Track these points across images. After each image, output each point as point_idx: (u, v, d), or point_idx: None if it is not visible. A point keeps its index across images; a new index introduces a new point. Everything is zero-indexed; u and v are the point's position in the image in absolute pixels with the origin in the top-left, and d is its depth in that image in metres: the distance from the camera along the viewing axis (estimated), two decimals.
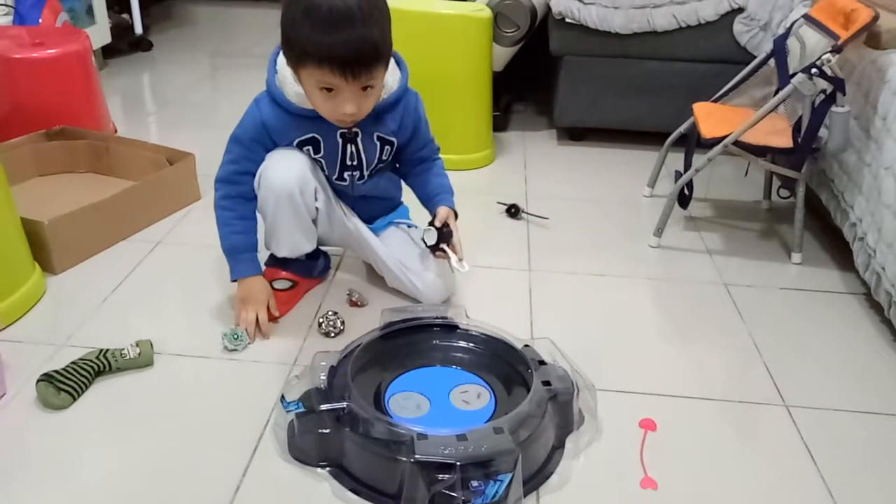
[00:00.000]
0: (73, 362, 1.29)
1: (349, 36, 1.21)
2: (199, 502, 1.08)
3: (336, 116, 1.34)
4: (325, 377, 1.20)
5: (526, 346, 1.31)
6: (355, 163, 1.46)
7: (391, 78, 1.43)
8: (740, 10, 2.23)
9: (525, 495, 1.08)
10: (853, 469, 1.19)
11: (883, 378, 1.41)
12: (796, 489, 1.15)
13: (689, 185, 1.88)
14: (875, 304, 1.59)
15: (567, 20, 2.30)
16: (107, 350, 1.33)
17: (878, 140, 1.59)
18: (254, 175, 1.43)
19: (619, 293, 1.67)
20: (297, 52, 1.27)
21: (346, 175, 1.48)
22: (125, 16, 3.48)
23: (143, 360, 1.34)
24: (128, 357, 1.32)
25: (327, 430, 1.13)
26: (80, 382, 1.26)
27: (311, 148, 1.43)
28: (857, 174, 1.67)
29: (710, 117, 1.87)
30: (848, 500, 1.13)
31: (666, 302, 1.65)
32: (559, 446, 1.19)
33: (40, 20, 2.59)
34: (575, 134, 2.58)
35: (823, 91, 1.63)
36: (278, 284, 1.53)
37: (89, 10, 3.03)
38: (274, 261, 1.55)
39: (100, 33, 3.08)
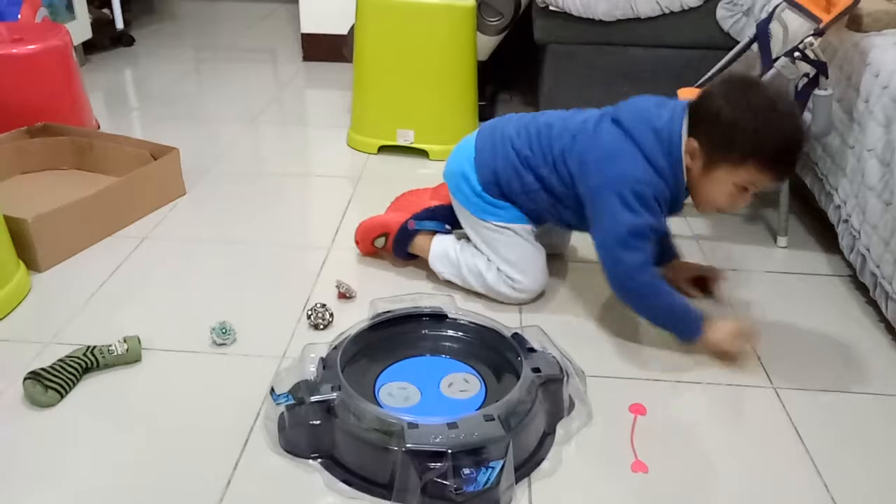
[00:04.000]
0: (60, 360, 1.28)
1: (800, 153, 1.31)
2: (190, 497, 1.08)
3: (726, 209, 1.37)
4: (314, 369, 1.20)
5: (515, 333, 1.32)
6: None
7: None
8: None
9: (517, 482, 1.09)
10: (841, 449, 1.20)
11: (869, 359, 1.42)
12: (785, 470, 1.16)
13: None
14: (861, 285, 1.60)
15: (551, 8, 2.30)
16: (94, 347, 1.32)
17: (860, 122, 1.60)
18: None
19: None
20: (753, 157, 1.28)
21: None
22: (106, 11, 3.44)
23: (131, 356, 1.33)
24: (115, 353, 1.32)
25: (318, 422, 1.13)
26: (67, 380, 1.26)
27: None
28: (840, 157, 1.68)
29: None
30: (836, 479, 1.14)
31: None
32: (550, 432, 1.20)
33: (19, 16, 2.56)
34: None
35: (806, 74, 1.64)
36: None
37: (69, 6, 3.00)
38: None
39: (80, 28, 3.04)
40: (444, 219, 1.63)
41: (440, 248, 1.58)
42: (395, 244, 1.63)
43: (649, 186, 1.31)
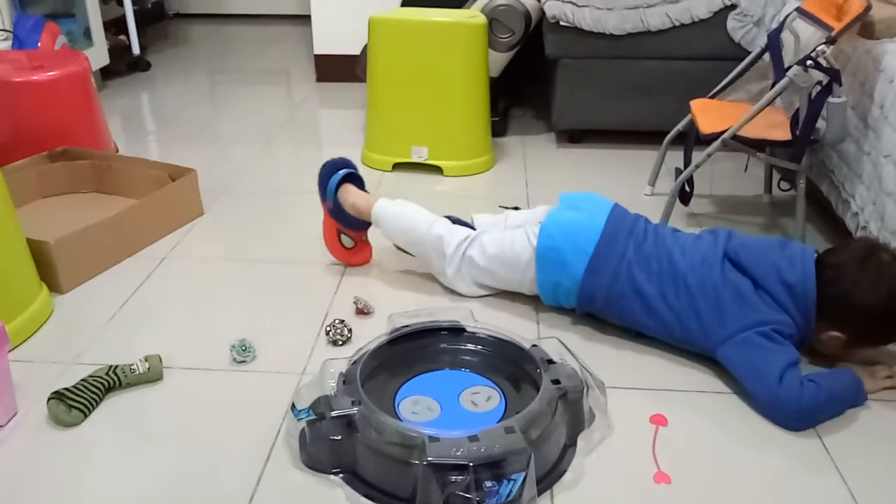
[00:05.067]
0: (83, 379, 1.29)
1: None
2: None
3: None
4: (334, 384, 1.21)
5: (534, 345, 1.32)
6: None
7: None
8: (733, 6, 2.25)
9: (539, 494, 1.09)
10: (868, 460, 1.19)
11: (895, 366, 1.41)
12: (809, 479, 1.15)
13: (690, 182, 1.89)
14: None
15: (561, 23, 2.32)
16: (116, 366, 1.33)
17: (876, 129, 1.59)
18: None
19: None
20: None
21: None
22: (122, 37, 3.50)
23: (153, 374, 1.34)
24: (137, 372, 1.33)
25: (339, 437, 1.13)
26: (90, 399, 1.27)
27: None
28: (856, 164, 1.67)
29: (707, 113, 1.88)
30: (863, 488, 1.13)
31: None
32: (571, 444, 1.19)
33: (39, 44, 2.61)
34: (574, 136, 2.59)
35: (819, 82, 1.64)
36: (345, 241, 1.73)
37: (87, 33, 3.06)
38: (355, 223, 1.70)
39: (98, 55, 3.10)
40: (341, 166, 1.69)
41: (395, 211, 1.64)
42: (337, 219, 1.69)
43: (787, 328, 1.33)
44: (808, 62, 1.62)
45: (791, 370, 1.28)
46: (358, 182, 1.71)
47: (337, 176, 1.67)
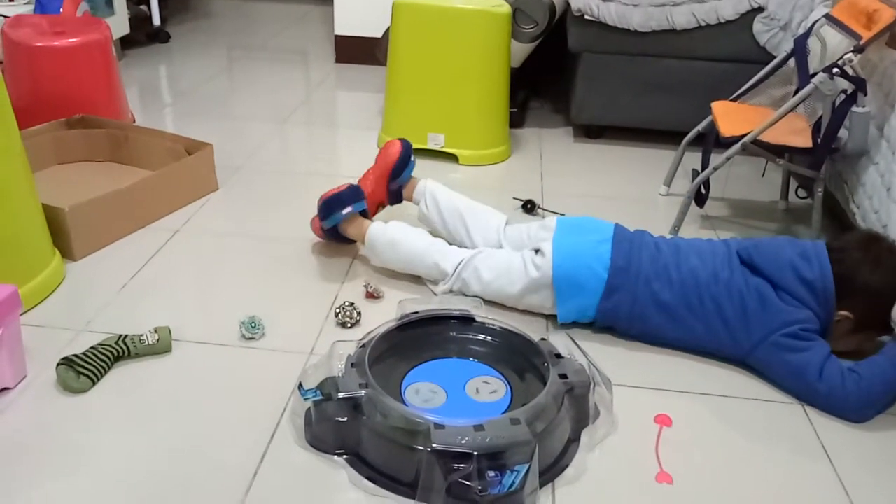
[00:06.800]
0: (92, 347, 1.30)
1: None
2: (216, 488, 1.09)
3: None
4: (342, 366, 1.21)
5: (542, 339, 1.32)
6: None
7: None
8: (760, 9, 2.23)
9: (541, 487, 1.09)
10: (868, 466, 1.19)
11: None
12: (811, 487, 1.15)
13: (706, 183, 1.88)
14: None
15: (586, 17, 2.30)
16: (126, 336, 1.34)
17: (889, 139, 1.58)
18: None
19: None
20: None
21: None
22: (143, 7, 3.50)
23: (162, 346, 1.35)
24: (146, 343, 1.34)
25: (344, 419, 1.13)
26: (99, 367, 1.28)
27: None
28: (863, 172, 1.66)
29: (728, 116, 1.87)
30: (863, 497, 1.13)
31: None
32: (575, 439, 1.20)
33: (61, 9, 2.61)
34: (591, 131, 2.57)
35: (844, 91, 1.63)
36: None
37: (108, 1, 3.05)
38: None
39: (119, 24, 3.09)
40: (347, 200, 1.64)
41: (388, 240, 1.61)
42: (329, 237, 1.71)
43: (812, 323, 1.34)
44: (835, 70, 1.60)
45: (828, 363, 1.30)
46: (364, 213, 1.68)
47: (337, 218, 1.64)
